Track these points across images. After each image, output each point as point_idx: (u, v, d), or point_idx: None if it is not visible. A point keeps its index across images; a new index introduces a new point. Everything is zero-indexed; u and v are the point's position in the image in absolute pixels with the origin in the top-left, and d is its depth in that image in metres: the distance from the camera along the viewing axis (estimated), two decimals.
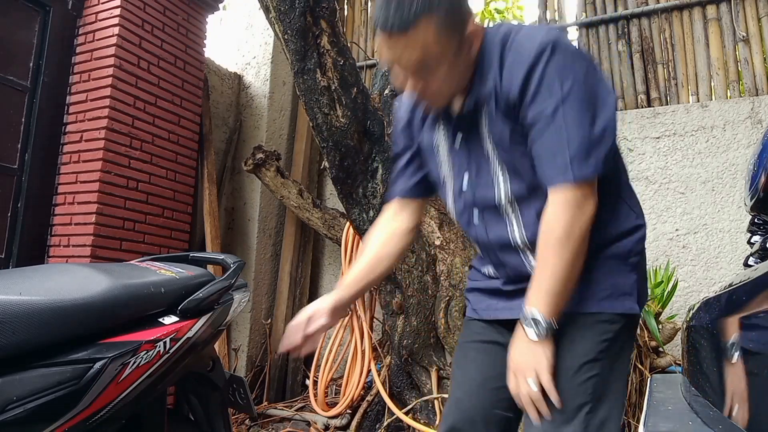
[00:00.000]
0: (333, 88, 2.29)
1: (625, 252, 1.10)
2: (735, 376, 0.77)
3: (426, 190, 1.31)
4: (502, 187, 1.10)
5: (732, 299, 0.90)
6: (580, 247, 1.00)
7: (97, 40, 2.83)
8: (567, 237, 0.99)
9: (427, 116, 1.20)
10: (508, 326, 1.14)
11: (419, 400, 2.50)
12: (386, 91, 2.49)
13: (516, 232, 1.12)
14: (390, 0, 0.97)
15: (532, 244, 1.09)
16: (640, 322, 2.36)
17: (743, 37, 3.08)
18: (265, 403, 3.22)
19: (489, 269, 1.23)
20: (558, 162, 0.98)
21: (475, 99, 1.08)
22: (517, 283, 1.14)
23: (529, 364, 1.02)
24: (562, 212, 0.99)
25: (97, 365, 0.98)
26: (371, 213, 2.47)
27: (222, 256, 1.47)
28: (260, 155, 3.10)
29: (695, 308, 1.19)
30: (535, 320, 1.01)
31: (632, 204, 1.20)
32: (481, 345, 1.23)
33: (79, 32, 2.92)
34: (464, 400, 1.22)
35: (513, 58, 1.01)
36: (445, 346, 2.50)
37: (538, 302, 1.01)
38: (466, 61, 1.05)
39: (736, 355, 0.77)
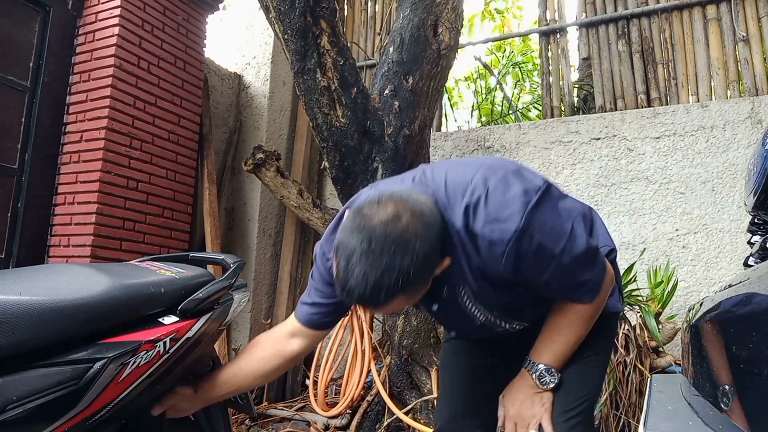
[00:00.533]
0: (333, 88, 2.29)
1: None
2: (735, 376, 0.77)
3: (331, 324, 1.32)
4: (479, 315, 1.21)
5: (732, 299, 0.90)
6: (589, 328, 1.17)
7: (97, 40, 2.83)
8: (587, 323, 1.16)
9: None
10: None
11: (419, 400, 2.50)
12: (386, 91, 2.49)
13: (488, 316, 1.22)
14: (367, 277, 0.93)
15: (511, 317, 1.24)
16: (640, 321, 2.36)
17: (743, 37, 3.08)
18: (265, 403, 3.22)
19: (463, 334, 1.40)
20: (579, 296, 1.13)
21: (453, 286, 1.15)
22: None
23: (534, 414, 1.15)
24: (591, 311, 1.15)
25: (97, 365, 0.98)
26: None
27: (222, 256, 1.47)
28: (260, 155, 3.10)
29: (695, 308, 1.19)
30: (548, 371, 1.15)
31: (604, 240, 1.28)
32: (465, 342, 1.39)
33: (79, 32, 2.92)
34: (454, 395, 1.36)
35: (490, 248, 1.03)
36: None
37: (550, 359, 1.16)
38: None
39: (736, 355, 0.77)
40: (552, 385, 1.15)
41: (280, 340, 1.30)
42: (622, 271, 2.44)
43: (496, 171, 1.06)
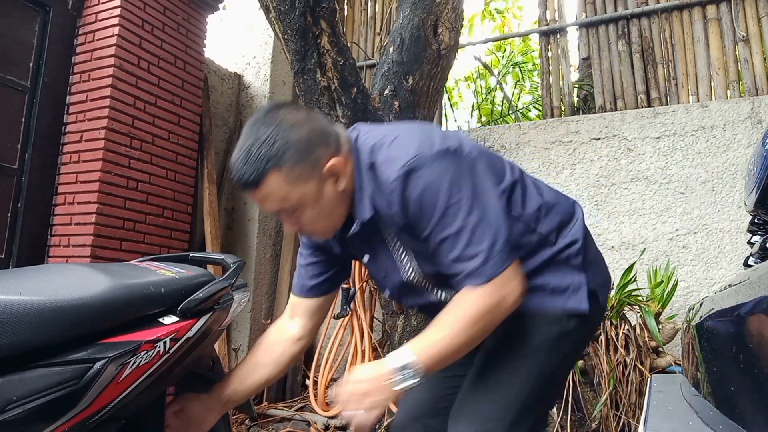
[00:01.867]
0: (333, 88, 2.29)
1: (564, 258, 1.13)
2: (735, 376, 0.77)
3: (326, 290, 1.29)
4: (411, 273, 1.14)
5: (732, 299, 0.90)
6: (485, 330, 1.02)
7: (97, 40, 2.83)
8: (476, 320, 1.00)
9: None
10: None
11: None
12: (386, 91, 2.49)
13: (441, 294, 1.17)
14: (241, 156, 1.02)
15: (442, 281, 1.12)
16: (640, 321, 2.36)
17: (743, 37, 3.08)
18: (265, 403, 3.22)
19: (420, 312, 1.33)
20: (467, 268, 0.99)
21: (361, 222, 1.10)
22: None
23: (373, 397, 1.00)
24: (481, 301, 1.00)
25: (97, 365, 0.98)
26: None
27: (222, 256, 1.47)
28: None
29: (695, 308, 1.19)
30: (408, 367, 0.98)
31: (554, 229, 1.15)
32: None
33: (79, 32, 2.92)
34: (409, 397, 1.25)
35: (387, 190, 1.03)
36: None
37: (420, 353, 1.00)
38: (333, 202, 1.08)
39: (736, 355, 0.77)
40: (401, 387, 0.99)
41: (284, 323, 1.32)
42: (621, 271, 2.44)
43: (423, 127, 1.08)
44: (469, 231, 0.99)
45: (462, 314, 1.00)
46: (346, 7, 4.23)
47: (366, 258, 1.20)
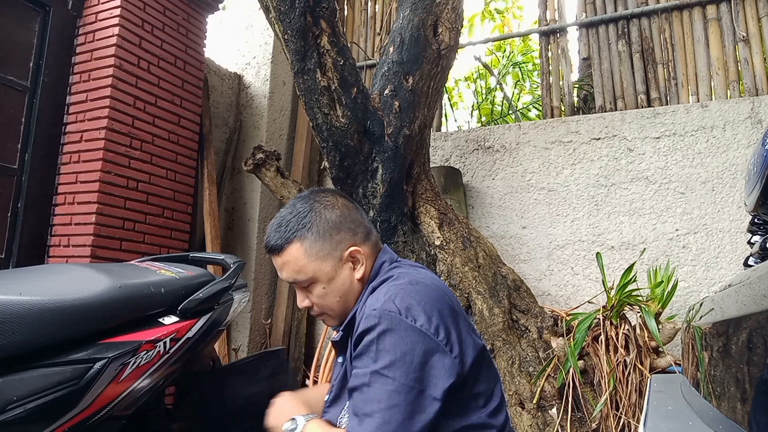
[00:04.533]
0: (333, 88, 2.29)
1: None
2: (735, 376, 0.77)
3: None
4: (345, 420, 1.10)
5: (732, 299, 0.90)
6: None
7: (97, 40, 2.83)
8: None
9: None
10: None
11: None
12: (386, 91, 2.49)
13: None
14: (275, 223, 1.15)
15: None
16: (640, 321, 2.36)
17: (743, 37, 3.08)
18: None
19: None
20: (348, 424, 0.98)
21: (340, 335, 1.15)
22: None
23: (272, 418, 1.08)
24: None
25: (98, 365, 0.98)
26: (371, 213, 2.47)
27: (222, 257, 1.47)
28: (260, 155, 3.10)
29: (695, 308, 1.19)
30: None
31: None
32: None
33: (79, 32, 2.92)
34: None
35: (360, 313, 1.08)
36: None
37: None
38: (344, 287, 1.13)
39: (736, 355, 0.77)
40: None
41: None
42: (621, 271, 2.44)
43: (434, 289, 1.08)
44: (380, 401, 0.95)
45: None
46: (346, 7, 4.23)
47: (339, 360, 1.21)
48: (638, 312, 2.38)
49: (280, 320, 3.48)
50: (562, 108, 3.53)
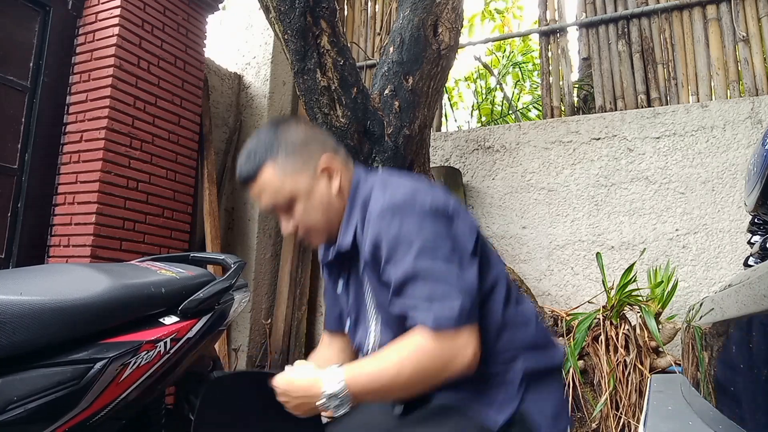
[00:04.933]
0: (333, 88, 2.29)
1: (496, 372, 1.05)
2: (735, 376, 0.77)
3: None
4: (372, 338, 1.11)
5: (732, 299, 0.90)
6: (422, 384, 0.97)
7: (97, 40, 2.83)
8: (418, 368, 0.94)
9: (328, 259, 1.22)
10: None
11: None
12: (386, 91, 2.49)
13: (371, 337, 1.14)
14: (243, 155, 1.16)
15: None
16: (640, 321, 2.36)
17: (743, 37, 3.08)
18: None
19: None
20: (431, 313, 0.94)
21: (338, 248, 1.13)
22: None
23: (301, 410, 1.03)
24: (429, 347, 0.93)
25: (98, 365, 0.98)
26: None
27: (222, 257, 1.47)
28: None
29: (695, 308, 1.19)
30: (338, 396, 0.97)
31: (513, 339, 1.08)
32: None
33: (79, 32, 2.92)
34: None
35: (367, 225, 1.05)
36: None
37: (354, 384, 0.97)
38: (325, 201, 1.12)
39: (736, 355, 0.77)
40: (329, 410, 0.99)
41: (322, 351, 1.32)
42: (621, 271, 2.44)
43: (421, 183, 1.09)
44: (437, 278, 0.95)
45: (406, 356, 0.95)
46: (346, 7, 4.23)
47: (340, 285, 1.21)
48: (638, 312, 2.38)
49: (280, 320, 3.48)
50: (562, 108, 3.53)
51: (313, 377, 1.02)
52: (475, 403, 1.03)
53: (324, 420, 1.10)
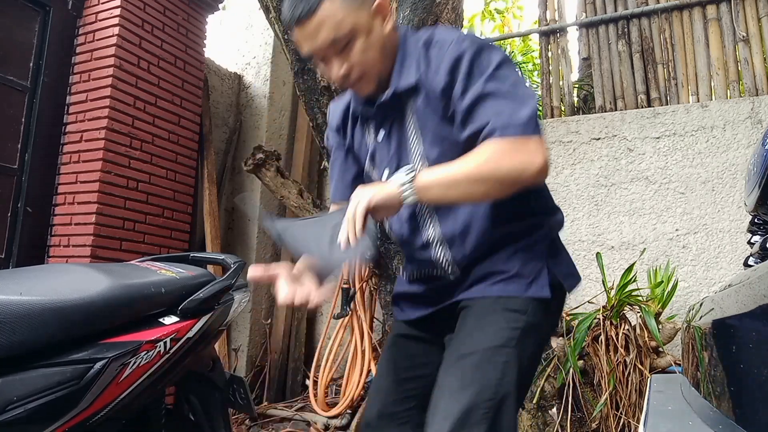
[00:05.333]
0: (333, 88, 2.29)
1: (532, 242, 1.16)
2: (735, 376, 0.77)
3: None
4: (418, 155, 1.14)
5: (732, 299, 0.90)
6: (494, 185, 1.01)
7: (97, 40, 2.83)
8: (493, 165, 0.99)
9: (358, 115, 1.25)
10: (431, 324, 1.23)
11: None
12: None
13: (430, 229, 1.17)
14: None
15: (447, 240, 1.15)
16: (640, 321, 2.36)
17: (743, 37, 3.08)
18: (265, 403, 3.22)
19: (409, 270, 1.27)
20: (503, 120, 1.00)
21: (394, 90, 1.13)
22: (436, 286, 1.20)
23: (370, 193, 1.02)
24: (507, 148, 0.99)
25: (98, 365, 0.98)
26: None
27: (222, 257, 1.47)
28: (260, 155, 3.10)
29: (695, 308, 1.19)
30: (406, 183, 1.01)
31: (539, 198, 1.22)
32: (401, 339, 1.30)
33: (79, 32, 2.92)
34: (379, 394, 1.27)
35: (437, 56, 1.09)
36: None
37: (425, 177, 1.02)
38: (381, 41, 1.12)
39: (736, 355, 0.77)
40: (399, 192, 1.01)
41: None
42: (621, 271, 2.44)
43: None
44: (513, 94, 1.02)
45: (479, 157, 1.00)
46: None
47: (381, 134, 1.19)
48: (638, 312, 2.38)
49: (280, 320, 3.48)
50: (562, 108, 3.53)
51: (382, 186, 1.05)
52: (522, 280, 1.12)
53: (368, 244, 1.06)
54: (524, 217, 1.17)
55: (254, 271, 1.04)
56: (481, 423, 0.99)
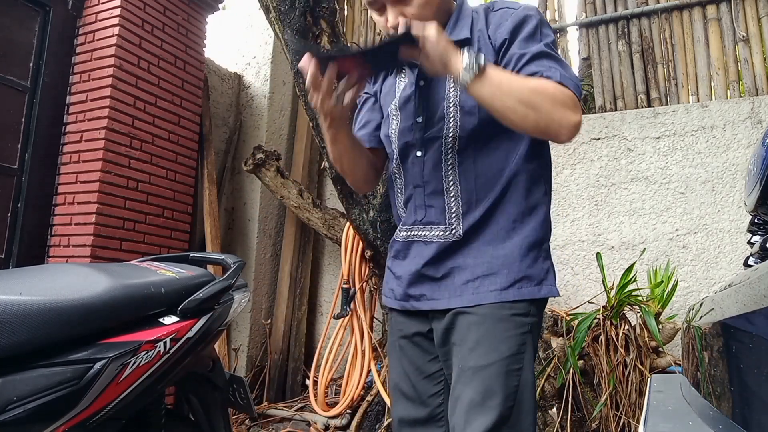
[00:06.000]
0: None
1: (539, 239, 1.17)
2: (735, 376, 0.77)
3: (377, 140, 1.34)
4: (452, 131, 1.16)
5: (732, 299, 0.90)
6: (534, 110, 1.02)
7: (97, 40, 2.83)
8: (541, 94, 1.03)
9: None
10: (430, 313, 1.20)
11: None
12: None
13: (450, 177, 1.17)
14: None
15: (462, 193, 1.16)
16: (640, 321, 2.36)
17: (743, 37, 3.08)
18: (265, 403, 3.22)
19: (411, 218, 1.24)
20: (560, 75, 1.06)
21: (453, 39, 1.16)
22: (438, 263, 1.17)
23: (440, 35, 1.02)
24: (557, 89, 1.04)
25: (97, 365, 0.98)
26: (371, 213, 2.47)
27: (222, 257, 1.47)
28: (260, 155, 3.10)
29: (695, 308, 1.19)
30: (473, 62, 1.01)
31: (548, 189, 1.24)
32: (405, 341, 1.26)
33: (79, 32, 2.92)
34: (405, 395, 1.24)
35: (501, 15, 1.16)
36: None
37: (492, 69, 1.04)
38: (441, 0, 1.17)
39: (736, 355, 0.77)
40: (465, 68, 1.02)
41: None
42: (621, 271, 2.44)
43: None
44: (565, 65, 1.09)
45: (537, 82, 1.05)
46: (346, 7, 4.23)
47: (419, 82, 1.21)
48: (638, 312, 2.38)
49: (280, 320, 3.48)
50: None
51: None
52: (531, 282, 1.13)
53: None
54: (537, 208, 1.18)
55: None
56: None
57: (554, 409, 2.30)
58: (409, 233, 1.24)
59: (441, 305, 1.17)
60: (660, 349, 2.34)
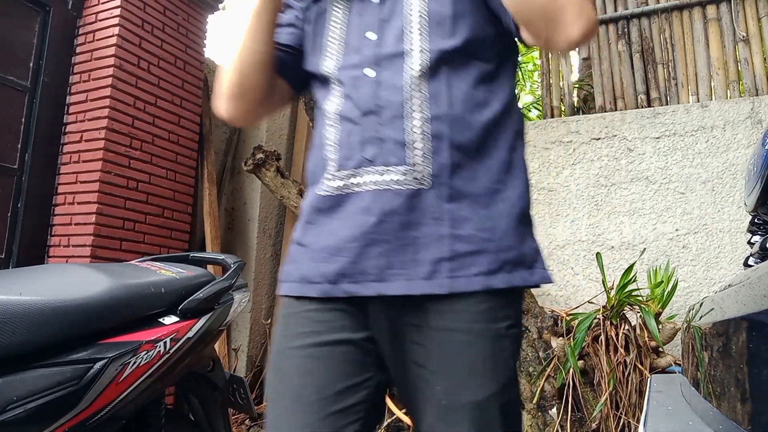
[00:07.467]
0: None
1: (527, 211, 0.93)
2: (735, 376, 0.78)
3: (297, 39, 1.06)
4: (417, 45, 0.86)
5: (732, 299, 0.90)
6: (549, 11, 0.79)
7: (97, 40, 2.83)
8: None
9: None
10: (370, 305, 0.82)
11: None
12: None
13: (417, 99, 0.84)
14: None
15: (433, 122, 0.83)
16: (640, 321, 2.36)
17: (743, 37, 3.08)
18: (265, 403, 3.22)
19: (351, 159, 0.85)
20: None
21: None
22: (393, 224, 0.81)
23: None
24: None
25: (98, 365, 0.98)
26: None
27: (222, 257, 1.47)
28: (260, 155, 3.10)
29: (695, 308, 1.19)
30: None
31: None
32: (320, 350, 0.83)
33: (79, 32, 2.92)
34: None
35: None
36: None
37: None
38: None
39: (736, 355, 0.77)
40: None
41: None
42: (621, 271, 2.44)
43: None
44: None
45: None
46: None
47: None
48: (638, 312, 2.38)
49: None
50: (562, 108, 3.53)
51: None
52: (523, 266, 0.85)
53: None
54: (521, 171, 0.95)
55: None
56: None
57: (554, 409, 2.30)
58: (345, 182, 0.85)
59: (396, 289, 0.79)
60: (660, 349, 2.34)
